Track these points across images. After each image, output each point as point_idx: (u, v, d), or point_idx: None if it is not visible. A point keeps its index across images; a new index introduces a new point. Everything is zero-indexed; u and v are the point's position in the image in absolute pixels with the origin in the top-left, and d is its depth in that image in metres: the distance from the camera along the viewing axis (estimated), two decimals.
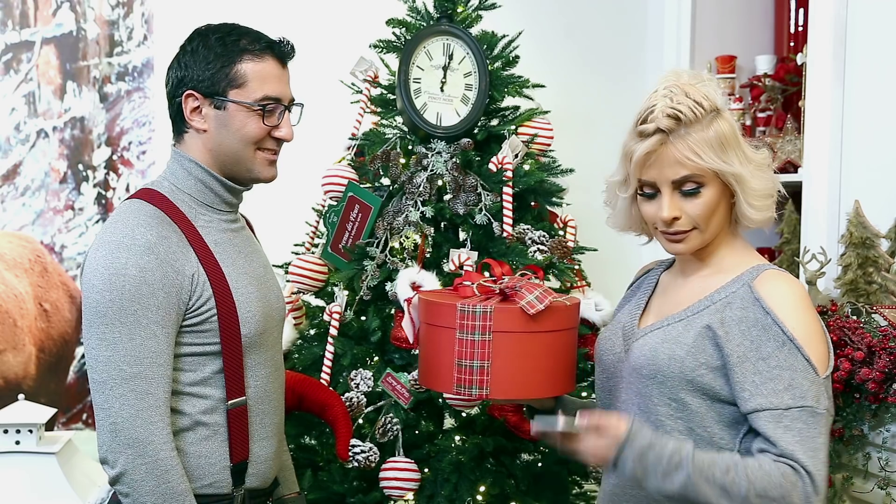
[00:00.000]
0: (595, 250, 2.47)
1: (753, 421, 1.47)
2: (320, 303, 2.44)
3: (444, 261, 2.31)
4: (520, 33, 2.48)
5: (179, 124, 1.67)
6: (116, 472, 1.53)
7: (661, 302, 1.66)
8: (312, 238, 2.46)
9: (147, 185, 1.68)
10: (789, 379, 1.44)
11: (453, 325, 1.59)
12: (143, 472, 1.51)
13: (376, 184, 2.38)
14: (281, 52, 1.67)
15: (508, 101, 2.49)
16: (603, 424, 1.48)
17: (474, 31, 2.42)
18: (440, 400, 2.27)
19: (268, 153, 1.67)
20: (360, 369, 2.24)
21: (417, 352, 1.89)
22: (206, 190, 1.66)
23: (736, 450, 1.50)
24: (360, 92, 2.47)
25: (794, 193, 2.70)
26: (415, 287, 2.16)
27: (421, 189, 2.28)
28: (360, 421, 2.27)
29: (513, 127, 2.41)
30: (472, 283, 1.68)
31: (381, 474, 2.18)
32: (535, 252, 2.26)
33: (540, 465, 2.37)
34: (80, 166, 2.94)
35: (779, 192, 1.58)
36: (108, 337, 1.52)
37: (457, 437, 2.31)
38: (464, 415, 2.35)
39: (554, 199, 2.44)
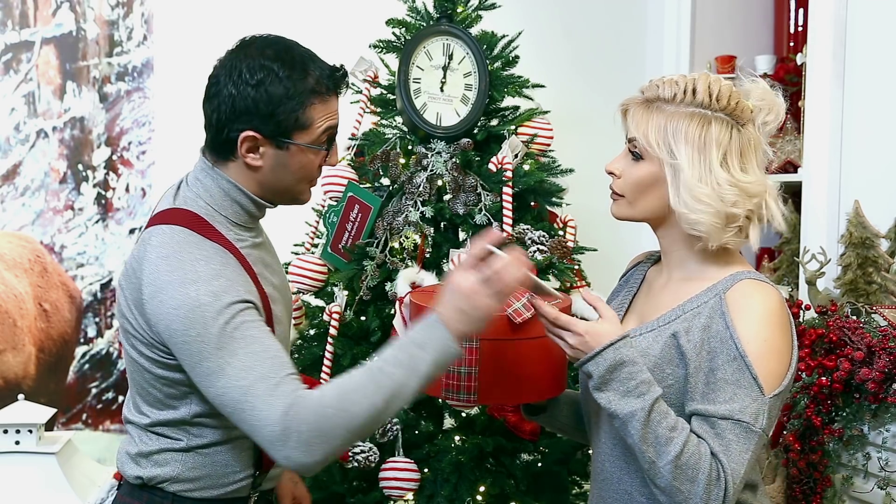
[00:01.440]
0: (595, 250, 2.47)
1: (692, 422, 1.47)
2: (320, 303, 2.44)
3: (444, 261, 2.31)
4: (519, 33, 2.48)
5: (227, 153, 1.57)
6: (303, 459, 1.42)
7: (643, 303, 1.66)
8: (312, 238, 2.46)
9: (184, 205, 1.58)
10: (732, 393, 1.44)
11: None
12: (308, 429, 1.40)
13: (376, 184, 2.38)
14: (342, 85, 1.61)
15: (508, 101, 2.49)
16: (602, 309, 1.49)
17: (474, 31, 2.42)
18: (440, 400, 2.27)
19: (314, 182, 1.65)
20: None
21: None
22: (242, 211, 1.60)
23: None
24: (360, 92, 2.47)
25: (794, 193, 2.71)
26: (414, 287, 2.16)
27: (421, 189, 2.28)
28: None
29: (512, 127, 2.41)
30: None
31: (381, 474, 2.18)
32: (534, 252, 2.26)
33: (540, 465, 2.37)
34: (80, 166, 2.94)
35: (732, 213, 1.49)
36: (213, 369, 1.44)
37: (457, 437, 2.31)
38: (463, 415, 2.35)
39: (554, 199, 2.44)
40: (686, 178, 1.49)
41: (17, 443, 2.45)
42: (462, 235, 2.37)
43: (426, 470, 2.24)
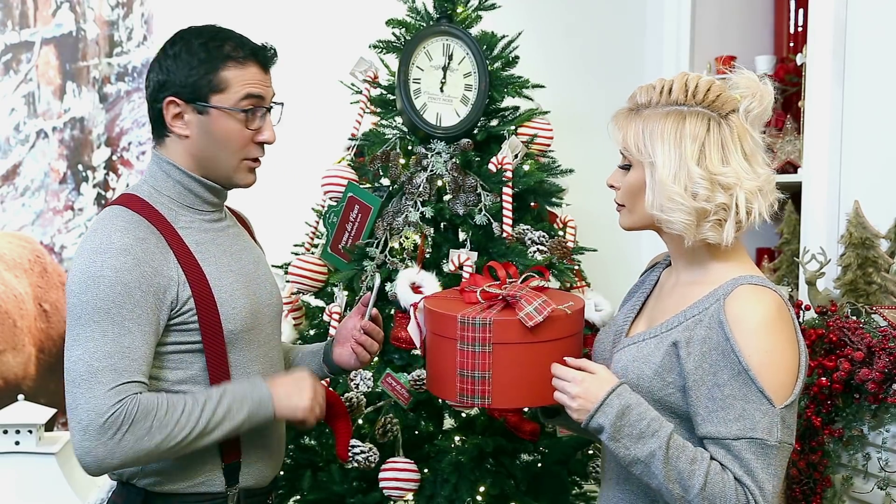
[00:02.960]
0: (595, 250, 2.47)
1: (706, 446, 1.47)
2: (320, 303, 2.44)
3: (444, 261, 2.31)
4: (519, 34, 2.48)
5: (160, 129, 1.66)
6: (103, 456, 1.50)
7: (653, 306, 1.66)
8: (312, 238, 2.46)
9: (128, 190, 1.68)
10: (741, 409, 1.43)
11: (454, 336, 1.60)
12: (130, 439, 1.49)
13: (376, 184, 2.38)
14: (264, 57, 1.66)
15: (508, 102, 2.49)
16: (589, 367, 1.51)
17: (474, 31, 2.42)
18: (440, 400, 2.27)
19: (251, 161, 1.68)
20: (360, 369, 2.23)
21: (419, 353, 1.88)
22: (186, 192, 1.66)
23: None
24: (360, 92, 2.47)
25: (793, 193, 2.71)
26: (415, 288, 2.16)
27: (421, 189, 2.28)
28: (360, 421, 2.27)
29: (512, 127, 2.41)
30: (477, 289, 1.68)
31: (381, 475, 2.18)
32: (534, 252, 2.25)
33: (540, 465, 2.37)
34: (80, 166, 2.94)
35: (702, 208, 1.48)
36: (81, 336, 1.52)
37: (456, 438, 2.31)
38: (463, 415, 2.35)
39: (554, 199, 2.44)
40: (660, 178, 1.49)
41: (17, 443, 2.45)
42: (462, 236, 2.37)
43: (426, 470, 2.24)
